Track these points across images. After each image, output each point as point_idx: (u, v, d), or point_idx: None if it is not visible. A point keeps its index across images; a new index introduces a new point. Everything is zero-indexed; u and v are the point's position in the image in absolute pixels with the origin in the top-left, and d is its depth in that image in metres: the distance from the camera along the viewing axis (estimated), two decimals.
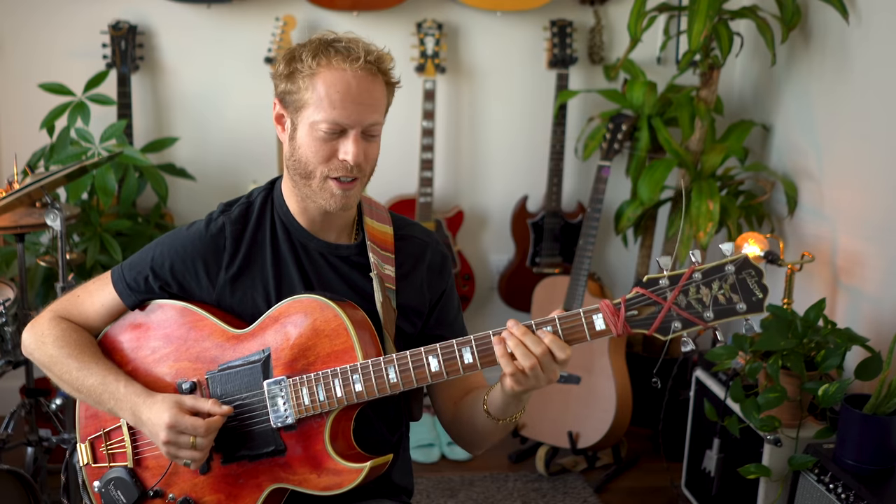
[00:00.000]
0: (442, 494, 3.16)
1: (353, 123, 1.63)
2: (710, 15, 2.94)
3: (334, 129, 1.63)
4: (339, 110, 1.62)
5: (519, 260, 3.70)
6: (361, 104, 1.63)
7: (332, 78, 1.62)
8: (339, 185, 1.66)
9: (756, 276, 1.47)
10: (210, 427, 1.63)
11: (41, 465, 2.73)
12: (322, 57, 1.63)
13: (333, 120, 1.62)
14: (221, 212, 1.77)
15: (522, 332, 1.53)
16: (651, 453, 3.43)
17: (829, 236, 3.01)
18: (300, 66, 1.64)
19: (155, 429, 1.64)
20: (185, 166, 3.48)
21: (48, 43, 3.42)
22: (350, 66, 1.61)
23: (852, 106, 2.92)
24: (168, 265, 1.74)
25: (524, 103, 3.70)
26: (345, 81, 1.62)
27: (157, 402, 1.66)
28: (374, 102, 1.65)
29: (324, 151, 1.65)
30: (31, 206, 2.64)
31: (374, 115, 1.65)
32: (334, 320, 1.64)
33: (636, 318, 1.51)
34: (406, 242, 1.81)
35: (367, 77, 1.63)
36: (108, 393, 1.70)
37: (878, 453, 2.30)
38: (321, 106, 1.62)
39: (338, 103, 1.62)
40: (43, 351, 1.76)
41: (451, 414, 1.81)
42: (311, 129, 1.64)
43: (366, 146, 1.66)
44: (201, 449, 1.64)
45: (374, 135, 1.68)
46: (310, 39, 1.68)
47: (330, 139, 1.64)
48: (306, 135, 1.65)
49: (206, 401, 1.66)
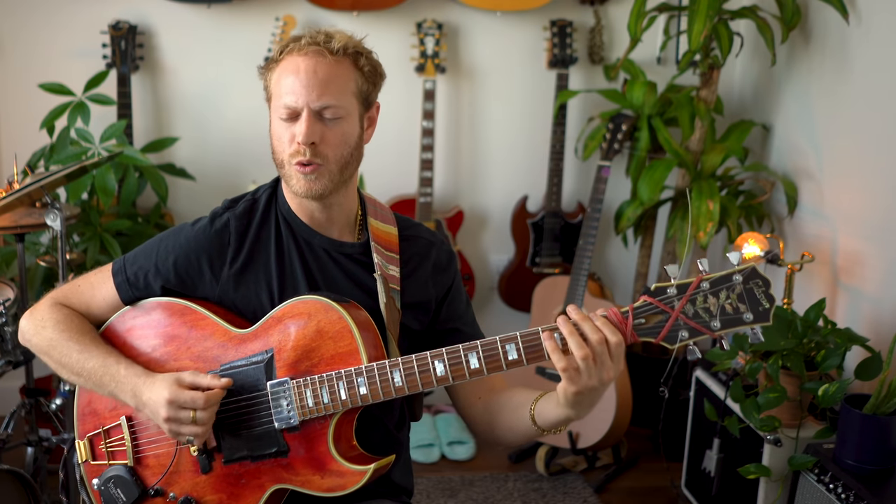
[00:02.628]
0: (442, 494, 3.16)
1: (301, 105, 1.65)
2: (710, 15, 2.94)
3: (289, 113, 1.66)
4: (288, 92, 1.65)
5: (519, 260, 3.70)
6: (308, 86, 1.64)
7: (287, 64, 1.67)
8: (299, 168, 1.67)
9: (763, 287, 1.46)
10: (210, 399, 1.62)
11: (41, 464, 2.73)
12: (286, 48, 1.68)
13: (285, 104, 1.66)
14: (226, 208, 1.78)
15: (582, 317, 1.50)
16: (651, 453, 3.43)
17: (829, 236, 3.01)
18: (271, 62, 1.70)
19: (155, 406, 1.63)
20: (185, 166, 3.48)
21: (48, 43, 3.42)
22: (299, 49, 1.66)
23: (852, 106, 2.92)
24: (172, 260, 1.74)
25: (524, 103, 3.70)
26: (294, 65, 1.66)
27: (157, 381, 1.65)
28: (322, 83, 1.65)
29: (285, 137, 1.68)
30: (31, 206, 2.64)
31: (324, 97, 1.65)
32: (338, 322, 1.63)
33: (643, 326, 1.50)
34: (411, 242, 1.82)
35: (314, 58, 1.65)
36: (108, 375, 1.70)
37: (878, 453, 2.30)
38: (278, 93, 1.67)
39: (287, 87, 1.66)
40: (42, 335, 1.75)
41: (478, 411, 1.80)
42: (275, 117, 1.69)
43: (322, 129, 1.66)
44: (202, 423, 1.62)
45: (331, 118, 1.66)
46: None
47: (288, 125, 1.67)
48: (274, 124, 1.69)
49: (204, 375, 1.65)
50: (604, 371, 1.49)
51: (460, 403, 1.84)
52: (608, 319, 1.50)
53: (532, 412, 1.66)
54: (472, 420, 1.83)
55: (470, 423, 1.84)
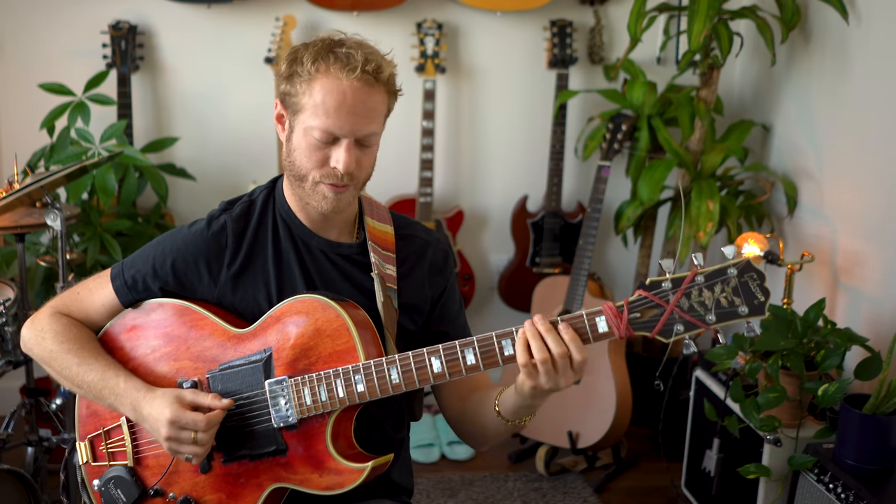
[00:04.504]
0: (442, 494, 3.16)
1: (347, 133, 1.62)
2: (710, 15, 2.94)
3: (327, 136, 1.63)
4: (333, 119, 1.61)
5: (519, 260, 3.70)
6: (356, 115, 1.61)
7: (329, 86, 1.61)
8: (330, 188, 1.66)
9: (758, 280, 1.47)
10: (211, 421, 1.63)
11: (41, 464, 2.73)
12: (321, 62, 1.61)
13: (326, 128, 1.62)
14: (223, 210, 1.78)
15: (546, 328, 1.53)
16: (651, 453, 3.43)
17: (829, 236, 3.01)
18: (300, 70, 1.63)
19: (156, 424, 1.64)
20: (185, 166, 3.48)
21: (48, 43, 3.42)
22: (347, 75, 1.60)
23: (852, 106, 2.92)
24: (170, 263, 1.74)
25: (524, 103, 3.70)
26: (340, 91, 1.60)
27: (157, 397, 1.66)
28: (369, 113, 1.63)
29: (316, 157, 1.64)
30: (31, 206, 2.64)
31: (370, 126, 1.64)
32: (336, 320, 1.64)
33: (639, 320, 1.51)
34: (407, 241, 1.82)
35: (363, 88, 1.61)
36: (108, 388, 1.70)
37: (878, 453, 2.30)
38: (316, 112, 1.61)
39: (332, 112, 1.61)
40: (42, 346, 1.76)
41: (457, 411, 1.81)
42: (305, 133, 1.64)
43: (359, 155, 1.66)
44: (202, 444, 1.64)
45: (369, 145, 1.67)
46: (313, 41, 1.66)
47: (323, 146, 1.64)
48: (301, 138, 1.65)
49: (206, 395, 1.66)
50: (562, 379, 1.53)
51: (443, 404, 1.84)
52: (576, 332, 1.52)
53: (497, 402, 1.67)
54: (454, 420, 1.83)
55: (452, 424, 1.85)
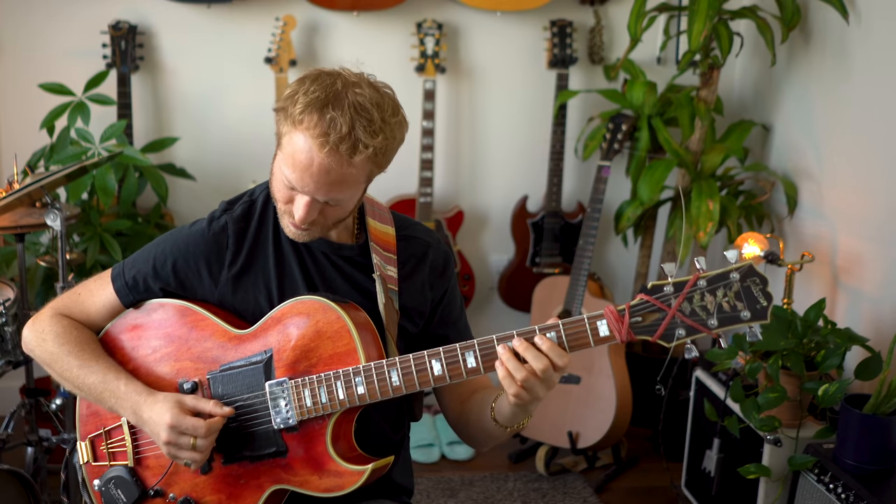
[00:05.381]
0: (442, 494, 3.16)
1: (307, 193, 1.61)
2: (710, 15, 2.94)
3: (290, 184, 1.61)
4: (297, 176, 1.59)
5: (519, 260, 3.70)
6: (316, 182, 1.59)
7: (302, 144, 1.57)
8: (292, 225, 1.67)
9: (760, 284, 1.46)
10: (211, 428, 1.63)
11: (41, 464, 2.73)
12: (307, 116, 1.56)
13: (290, 180, 1.61)
14: (224, 210, 1.77)
15: (524, 346, 1.53)
16: (651, 453, 3.43)
17: (829, 236, 3.01)
18: (290, 110, 1.58)
19: (156, 428, 1.65)
20: (185, 166, 3.48)
21: (48, 43, 3.42)
22: (319, 144, 1.55)
23: (852, 106, 2.92)
24: (170, 264, 1.74)
25: (524, 103, 3.70)
26: (309, 156, 1.57)
27: (158, 402, 1.66)
28: (333, 184, 1.59)
29: (284, 193, 1.64)
30: (31, 206, 2.64)
31: (331, 193, 1.61)
32: (337, 322, 1.64)
33: (640, 324, 1.50)
34: (408, 243, 1.81)
35: (332, 163, 1.56)
36: (108, 391, 1.70)
37: (878, 453, 2.30)
38: (285, 160, 1.60)
39: (297, 169, 1.58)
40: (43, 348, 1.76)
41: (457, 413, 1.81)
42: (279, 164, 1.63)
43: (324, 207, 1.64)
44: (202, 450, 1.64)
45: (334, 205, 1.64)
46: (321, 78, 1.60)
47: (290, 188, 1.63)
48: (277, 169, 1.65)
49: (207, 401, 1.66)
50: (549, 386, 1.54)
51: (444, 406, 1.84)
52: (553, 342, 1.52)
53: (493, 408, 1.67)
54: (454, 422, 1.83)
55: (453, 426, 1.84)
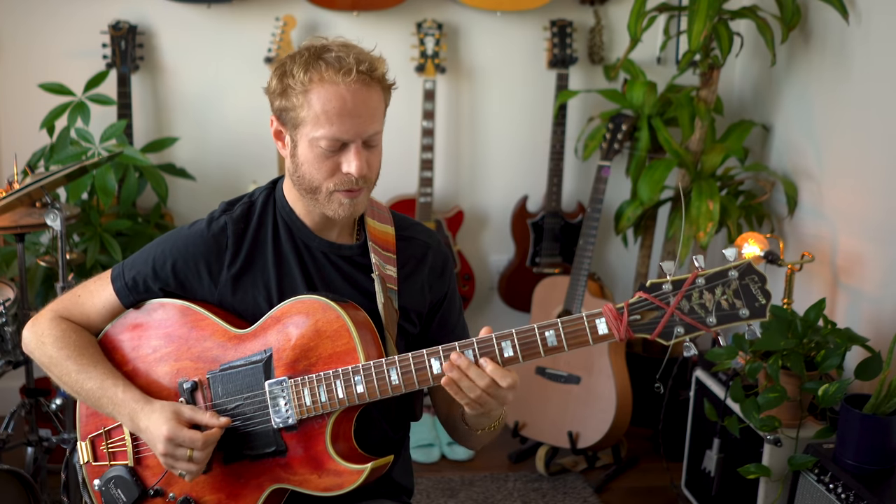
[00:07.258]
0: (442, 494, 3.16)
1: (353, 137, 1.62)
2: (710, 15, 2.94)
3: (335, 144, 1.62)
4: (338, 126, 1.60)
5: (519, 260, 3.70)
6: (358, 117, 1.60)
7: (327, 93, 1.59)
8: (346, 195, 1.66)
9: (759, 282, 1.46)
10: (207, 440, 1.64)
11: (41, 464, 2.73)
12: (313, 71, 1.59)
13: (333, 136, 1.61)
14: (223, 211, 1.77)
15: (466, 364, 1.55)
16: (651, 453, 3.43)
17: (829, 236, 3.01)
18: (292, 83, 1.61)
19: (153, 438, 1.65)
20: (185, 166, 3.48)
21: (48, 43, 3.42)
22: (343, 79, 1.58)
23: (852, 106, 2.92)
24: (170, 264, 1.74)
25: (524, 103, 3.70)
26: (339, 96, 1.59)
27: (155, 411, 1.66)
28: (371, 112, 1.62)
29: (327, 167, 1.63)
30: (31, 206, 2.64)
31: (373, 125, 1.64)
32: (336, 321, 1.64)
33: (639, 322, 1.50)
34: (408, 243, 1.81)
35: (361, 89, 1.60)
36: (106, 397, 1.71)
37: (878, 453, 2.30)
38: (318, 122, 1.60)
39: (335, 119, 1.59)
40: (42, 351, 1.76)
41: (445, 413, 1.81)
42: (311, 145, 1.63)
43: (368, 156, 1.65)
44: (198, 462, 1.64)
45: (375, 144, 1.66)
46: (298, 51, 1.64)
47: (331, 154, 1.63)
48: (307, 151, 1.64)
49: (204, 413, 1.66)
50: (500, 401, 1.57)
51: (435, 405, 1.84)
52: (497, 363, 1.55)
53: (462, 411, 1.68)
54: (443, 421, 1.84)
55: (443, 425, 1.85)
